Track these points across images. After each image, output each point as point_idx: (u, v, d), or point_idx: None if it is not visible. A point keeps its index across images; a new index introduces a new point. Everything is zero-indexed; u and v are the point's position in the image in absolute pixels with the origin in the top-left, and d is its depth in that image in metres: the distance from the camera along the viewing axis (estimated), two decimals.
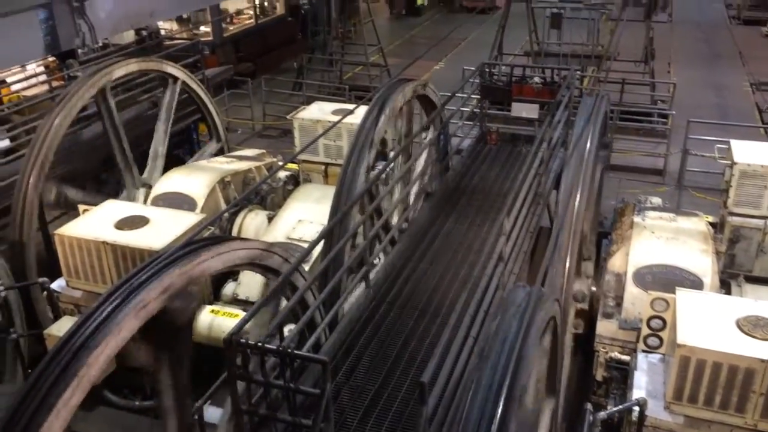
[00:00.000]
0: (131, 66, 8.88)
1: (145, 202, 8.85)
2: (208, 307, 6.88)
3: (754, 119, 15.91)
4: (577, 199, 7.17)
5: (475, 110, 10.90)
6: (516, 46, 19.56)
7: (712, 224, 7.92)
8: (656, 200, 8.47)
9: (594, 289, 7.77)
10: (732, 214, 7.61)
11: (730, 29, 25.06)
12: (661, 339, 5.95)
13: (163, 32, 17.45)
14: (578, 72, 15.00)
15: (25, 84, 11.50)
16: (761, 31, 23.91)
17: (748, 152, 7.64)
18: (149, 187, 9.23)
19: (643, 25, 16.15)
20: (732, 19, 26.36)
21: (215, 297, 7.50)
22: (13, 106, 10.73)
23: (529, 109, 9.81)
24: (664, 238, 7.27)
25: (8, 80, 12.39)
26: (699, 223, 7.56)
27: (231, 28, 20.24)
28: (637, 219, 7.67)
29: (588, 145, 7.87)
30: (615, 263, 7.31)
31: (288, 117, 11.39)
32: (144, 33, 12.25)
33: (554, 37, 16.75)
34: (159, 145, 9.60)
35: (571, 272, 6.69)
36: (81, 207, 7.47)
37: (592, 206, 8.41)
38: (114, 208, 7.10)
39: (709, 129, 12.92)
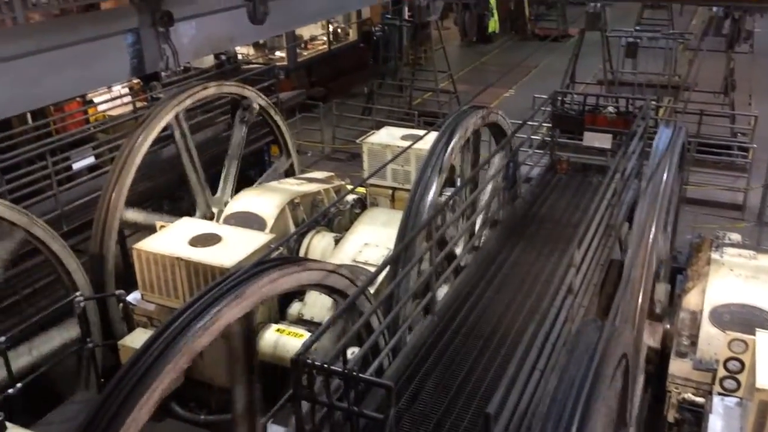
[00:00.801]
0: (210, 89, 9.22)
1: (217, 220, 9.10)
2: (274, 326, 6.98)
3: None
4: (652, 232, 6.96)
5: (545, 138, 10.78)
6: (589, 74, 19.30)
7: None
8: (735, 236, 8.13)
9: (667, 326, 7.49)
10: None
11: None
12: (738, 382, 5.68)
13: (240, 56, 18.08)
14: (654, 102, 14.66)
15: (110, 104, 12.08)
16: None
17: None
18: (222, 206, 9.50)
19: (723, 55, 15.68)
20: None
21: (281, 316, 7.61)
22: (99, 125, 11.30)
23: (602, 139, 9.63)
24: (743, 277, 6.95)
25: (95, 100, 13.07)
26: None
27: (305, 53, 20.75)
28: (714, 255, 7.37)
29: (664, 177, 7.65)
30: (690, 300, 7.04)
31: (357, 141, 11.56)
32: (223, 57, 12.70)
33: (629, 66, 16.43)
34: (232, 165, 9.87)
35: (643, 308, 6.48)
36: (158, 223, 7.75)
37: (667, 240, 8.15)
38: (189, 226, 7.34)
39: None
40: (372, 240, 8.47)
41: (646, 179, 7.90)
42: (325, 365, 4.09)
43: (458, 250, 7.75)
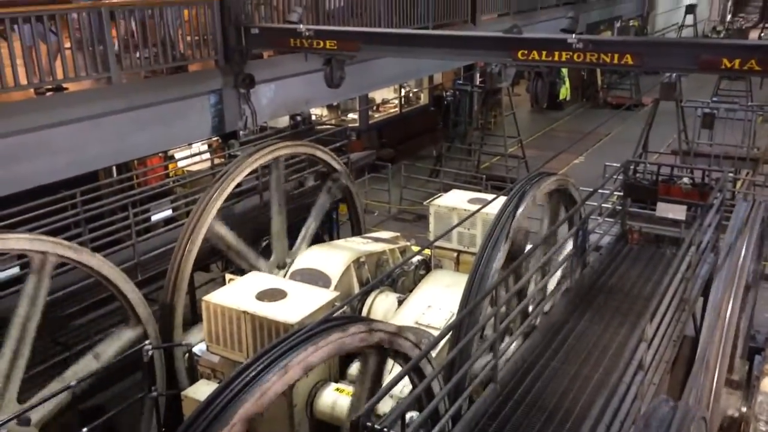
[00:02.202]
0: (285, 149, 9.53)
1: (285, 275, 9.26)
2: (334, 385, 6.97)
3: None
4: (729, 309, 6.68)
5: (616, 207, 10.58)
6: (662, 144, 18.97)
7: None
8: None
9: (744, 410, 7.08)
10: None
11: None
12: None
13: (314, 117, 18.71)
14: (731, 174, 14.24)
15: (189, 160, 12.65)
16: None
17: None
18: (290, 261, 9.67)
19: None
20: None
21: (341, 375, 7.59)
22: (178, 179, 11.82)
23: (676, 210, 9.39)
24: None
25: (176, 156, 13.72)
26: None
27: (376, 115, 21.28)
28: None
29: (742, 252, 7.38)
30: None
31: (424, 203, 11.65)
32: (298, 118, 13.17)
33: (705, 137, 16.09)
34: (311, 225, 10.10)
35: (719, 389, 6.16)
36: (227, 276, 7.96)
37: (745, 318, 7.78)
38: (256, 280, 7.50)
39: None
40: (435, 302, 8.42)
41: (723, 254, 7.64)
42: (385, 429, 4.05)
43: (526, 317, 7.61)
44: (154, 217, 10.34)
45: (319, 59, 11.06)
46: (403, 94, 22.02)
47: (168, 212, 10.26)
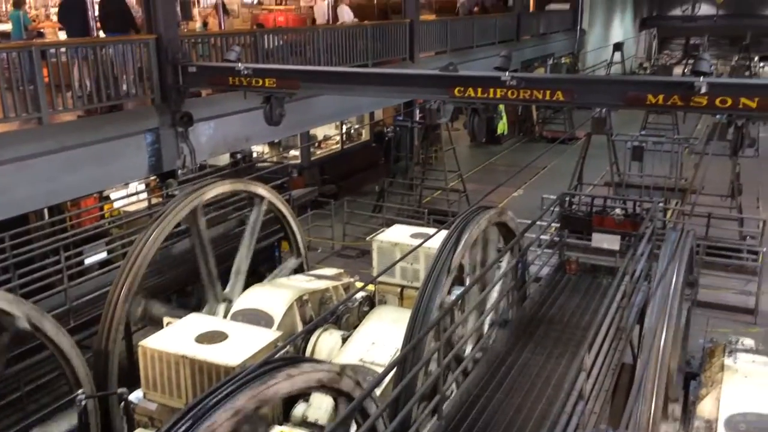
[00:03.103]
0: (224, 187, 9.44)
1: (225, 316, 9.08)
2: (278, 428, 6.82)
3: None
4: (663, 335, 6.87)
5: (554, 238, 10.84)
6: (596, 175, 19.59)
7: None
8: (749, 342, 7.98)
9: None
10: None
11: None
12: None
13: (255, 154, 18.58)
14: (661, 204, 14.79)
15: (126, 200, 12.36)
16: None
17: None
18: (230, 302, 9.50)
19: (728, 159, 15.91)
20: None
21: (285, 417, 7.44)
22: (114, 220, 11.52)
23: (611, 241, 9.68)
24: (758, 384, 6.78)
25: (111, 196, 13.37)
26: None
27: (318, 152, 21.31)
28: (728, 361, 7.22)
29: (673, 279, 7.63)
30: (705, 408, 6.83)
31: (367, 239, 11.67)
32: (238, 156, 13.08)
33: (636, 169, 16.71)
34: (242, 262, 9.94)
35: (657, 415, 6.30)
36: (165, 319, 7.75)
37: (678, 344, 8.01)
38: (196, 322, 7.33)
39: None
40: (380, 339, 8.38)
41: (656, 282, 7.88)
42: None
43: (467, 351, 7.65)
44: (88, 260, 10.01)
45: (259, 97, 11.06)
46: (344, 130, 22.16)
47: (103, 255, 9.96)
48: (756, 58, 48.52)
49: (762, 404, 6.50)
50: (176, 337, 7.00)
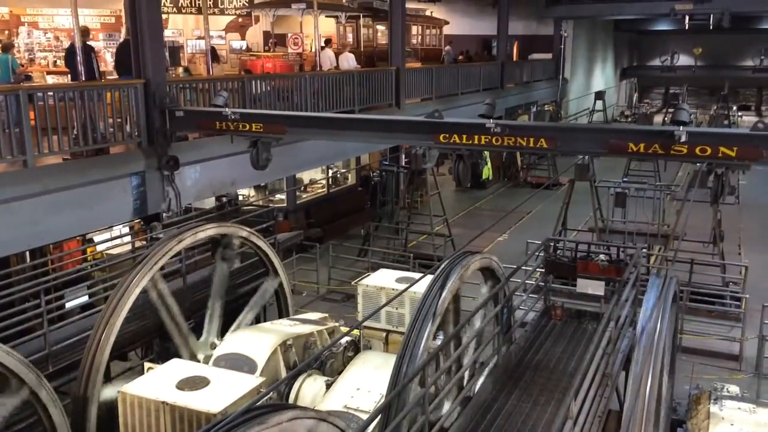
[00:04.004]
0: (209, 231, 9.40)
1: (207, 361, 8.93)
2: None
3: None
4: (649, 382, 6.84)
5: (539, 284, 10.87)
6: (580, 221, 19.77)
7: None
8: (734, 389, 8.00)
9: None
10: None
11: None
12: None
13: (241, 197, 18.58)
14: (645, 250, 14.91)
15: (109, 243, 12.25)
16: None
17: None
18: (208, 349, 9.37)
19: (709, 205, 16.14)
20: None
21: None
22: (96, 263, 11.39)
23: (595, 286, 9.71)
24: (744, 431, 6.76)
25: (94, 239, 13.25)
26: None
27: (304, 195, 21.37)
28: (713, 409, 7.22)
29: (658, 326, 7.64)
30: None
31: (352, 283, 11.62)
32: (224, 199, 13.07)
33: (619, 215, 16.89)
34: (215, 306, 9.78)
35: None
36: (146, 365, 7.61)
37: (665, 391, 7.98)
38: (178, 368, 7.21)
39: None
40: (364, 385, 8.28)
41: (640, 328, 7.89)
42: None
43: (452, 398, 7.56)
44: (69, 304, 9.86)
45: (246, 141, 11.13)
46: (330, 174, 22.28)
47: (84, 298, 9.81)
48: (734, 108, 49.78)
49: None
50: (157, 383, 6.88)
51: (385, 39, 23.25)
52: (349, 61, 20.02)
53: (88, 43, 13.40)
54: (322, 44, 19.76)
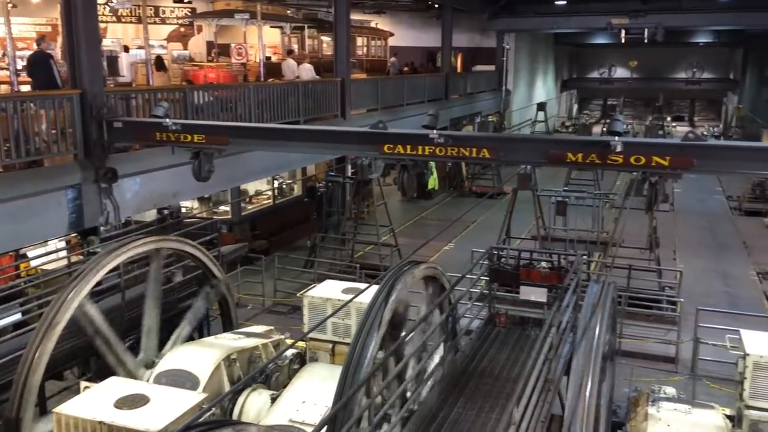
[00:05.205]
0: (149, 244, 9.18)
1: (149, 378, 8.70)
2: None
3: (762, 308, 15.84)
4: (588, 386, 6.99)
5: (484, 291, 11.00)
6: (524, 229, 20.14)
7: (729, 417, 7.63)
8: (670, 390, 8.25)
9: None
10: (749, 407, 7.35)
11: (732, 220, 25.76)
12: None
13: (184, 209, 18.23)
14: (585, 257, 15.29)
15: (44, 258, 11.83)
16: (763, 222, 24.55)
17: (760, 343, 7.56)
18: (151, 363, 9.13)
19: (645, 212, 16.68)
20: (733, 210, 27.18)
21: None
22: (30, 280, 10.98)
23: (538, 293, 9.90)
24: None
25: (28, 254, 12.78)
26: (716, 417, 7.30)
27: (249, 207, 21.12)
28: (651, 410, 7.43)
29: (596, 330, 7.82)
30: None
31: (298, 294, 11.53)
32: (165, 212, 12.81)
33: (560, 223, 17.29)
34: (151, 320, 9.53)
35: None
36: (82, 384, 7.37)
37: (605, 394, 8.16)
38: (116, 386, 7.00)
39: (720, 317, 12.84)
40: (310, 397, 8.20)
41: (580, 333, 8.07)
42: None
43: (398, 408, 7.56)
44: (1, 322, 9.46)
45: (188, 152, 10.93)
46: (276, 185, 22.11)
47: (17, 316, 9.44)
48: (669, 118, 51.72)
49: None
50: (94, 402, 6.65)
51: (330, 50, 23.31)
52: (308, 71, 20.04)
53: (47, 51, 12.98)
54: (286, 54, 19.78)
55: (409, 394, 7.81)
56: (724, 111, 54.90)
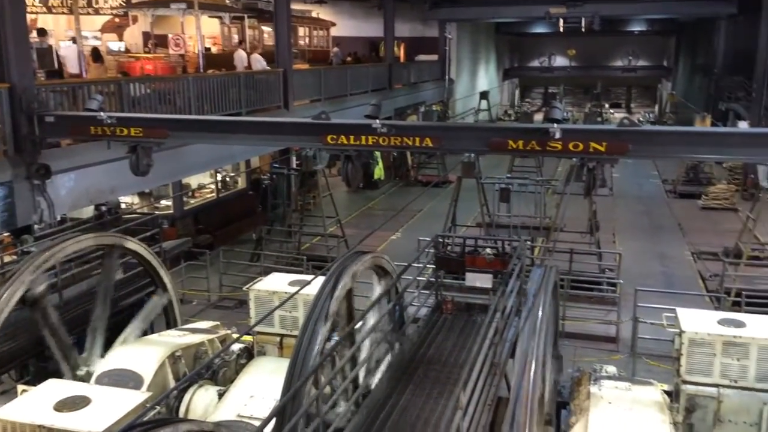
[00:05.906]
0: (86, 241, 8.91)
1: (89, 380, 8.47)
2: None
3: (698, 287, 16.48)
4: (533, 368, 7.14)
5: (430, 279, 11.09)
6: (469, 216, 20.39)
7: (667, 393, 7.91)
8: (611, 369, 8.50)
9: None
10: (685, 382, 7.64)
11: (667, 203, 26.66)
12: None
13: (124, 205, 17.75)
14: (528, 242, 15.58)
15: None
16: (697, 204, 25.49)
17: (695, 320, 7.85)
18: (92, 365, 8.89)
19: (583, 197, 17.11)
20: (669, 193, 28.14)
21: None
22: None
23: (483, 279, 10.02)
24: (621, 409, 7.20)
25: None
26: (654, 393, 7.56)
27: (192, 201, 20.73)
28: (593, 389, 7.64)
29: (540, 313, 7.99)
30: None
31: (244, 288, 11.39)
32: (103, 208, 12.45)
33: (504, 210, 17.57)
34: (98, 320, 9.29)
35: None
36: (19, 387, 7.12)
37: (550, 375, 8.36)
38: (55, 388, 6.79)
39: (657, 297, 13.29)
40: (258, 392, 8.14)
41: (524, 316, 8.23)
42: None
43: (347, 398, 7.57)
44: None
45: (124, 147, 10.62)
46: (219, 178, 21.75)
47: None
48: (606, 105, 53.11)
49: (626, 428, 6.91)
50: (33, 405, 6.44)
51: (271, 40, 22.98)
52: (259, 62, 19.73)
53: None
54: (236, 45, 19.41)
55: (358, 384, 7.83)
56: (659, 97, 56.72)
